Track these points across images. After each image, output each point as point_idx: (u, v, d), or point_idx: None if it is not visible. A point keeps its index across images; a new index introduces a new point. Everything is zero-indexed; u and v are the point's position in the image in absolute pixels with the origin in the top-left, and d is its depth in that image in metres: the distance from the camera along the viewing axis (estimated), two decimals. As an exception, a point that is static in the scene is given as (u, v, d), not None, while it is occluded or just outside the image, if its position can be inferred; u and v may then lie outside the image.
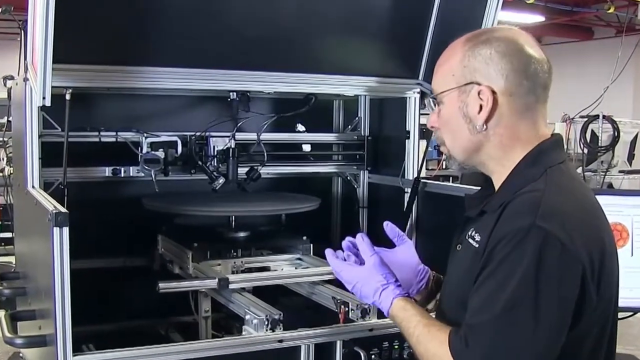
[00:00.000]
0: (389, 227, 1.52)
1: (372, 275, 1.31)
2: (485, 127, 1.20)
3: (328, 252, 1.42)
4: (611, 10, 7.30)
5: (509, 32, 1.22)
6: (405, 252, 1.51)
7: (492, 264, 1.10)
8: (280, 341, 1.52)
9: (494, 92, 1.18)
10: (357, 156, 2.37)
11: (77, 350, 1.35)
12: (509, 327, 1.06)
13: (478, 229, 1.20)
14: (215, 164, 2.09)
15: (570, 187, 1.18)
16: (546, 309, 1.05)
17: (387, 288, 1.28)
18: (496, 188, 1.25)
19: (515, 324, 1.06)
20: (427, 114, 1.35)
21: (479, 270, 1.12)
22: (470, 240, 1.21)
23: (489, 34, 1.21)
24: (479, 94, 1.19)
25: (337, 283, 1.83)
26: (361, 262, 1.37)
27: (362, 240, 1.38)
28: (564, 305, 1.07)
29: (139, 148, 2.00)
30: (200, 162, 2.07)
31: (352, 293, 1.37)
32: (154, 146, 2.01)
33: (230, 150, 2.09)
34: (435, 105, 1.27)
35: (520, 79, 1.18)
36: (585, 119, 6.38)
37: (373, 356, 1.60)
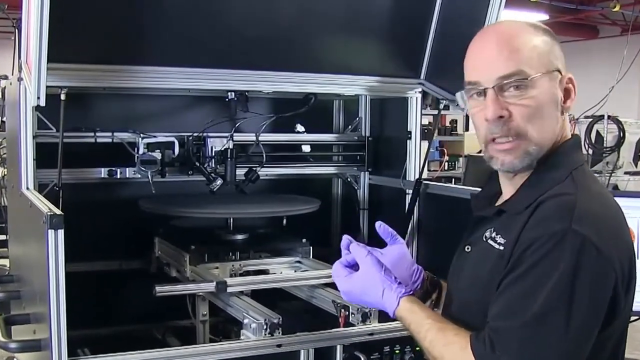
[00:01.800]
0: (381, 227, 1.46)
1: (371, 276, 1.24)
2: (564, 117, 1.17)
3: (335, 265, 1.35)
4: (616, 9, 7.26)
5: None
6: (399, 252, 1.44)
7: (521, 267, 1.05)
8: (279, 346, 1.51)
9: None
10: (358, 157, 2.35)
11: (72, 354, 1.35)
12: (541, 333, 1.02)
13: (499, 230, 1.15)
14: (213, 165, 2.08)
15: (598, 191, 1.15)
16: (578, 315, 1.02)
17: (389, 287, 1.21)
18: (510, 185, 1.20)
19: (548, 330, 1.02)
20: (429, 114, 1.31)
21: (505, 273, 1.07)
22: (491, 242, 1.15)
23: (540, 26, 1.18)
24: (566, 82, 1.16)
25: (336, 286, 1.81)
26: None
27: (350, 243, 1.32)
28: (595, 311, 1.04)
29: (136, 149, 1.99)
30: (197, 163, 2.06)
31: (354, 303, 1.32)
32: (150, 147, 2.00)
33: (229, 151, 2.07)
34: (508, 89, 1.12)
35: (565, 70, 1.17)
36: (590, 119, 6.35)
37: (373, 361, 1.58)
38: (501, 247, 1.12)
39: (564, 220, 1.04)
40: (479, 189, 1.36)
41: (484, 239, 1.18)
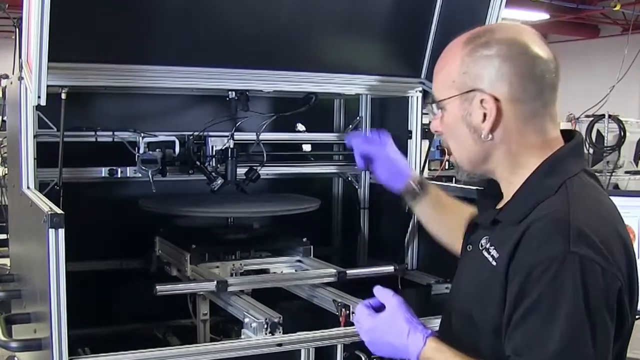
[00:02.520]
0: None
1: (397, 316, 1.22)
2: (491, 136, 1.14)
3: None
4: (617, 8, 7.26)
5: (511, 30, 1.15)
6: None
7: (529, 298, 1.03)
8: (280, 345, 1.51)
9: (497, 100, 1.11)
10: (359, 156, 2.34)
11: (73, 354, 1.35)
12: None
13: (493, 242, 1.14)
14: (214, 165, 2.07)
15: (594, 199, 1.13)
16: (601, 335, 1.02)
17: (415, 328, 1.19)
18: (506, 194, 1.20)
19: (577, 356, 1.01)
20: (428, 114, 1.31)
21: (512, 307, 1.05)
22: (485, 254, 1.15)
23: (489, 35, 1.14)
24: (481, 102, 1.12)
25: (338, 285, 1.81)
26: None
27: (379, 289, 1.29)
28: (612, 325, 1.04)
29: (136, 148, 1.98)
30: (198, 163, 2.05)
31: (375, 346, 1.27)
32: (151, 146, 1.99)
33: (229, 150, 2.07)
34: (435, 110, 1.21)
35: (525, 83, 1.11)
36: (591, 119, 6.35)
37: (374, 360, 1.58)
38: (494, 263, 1.11)
39: (561, 243, 1.02)
40: (480, 188, 1.37)
41: (480, 247, 1.17)
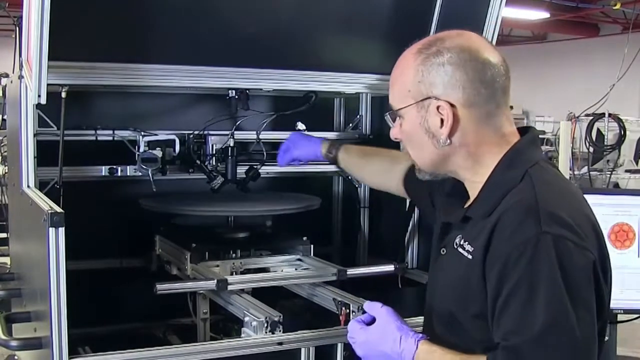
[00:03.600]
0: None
1: (388, 325, 1.26)
2: (449, 141, 1.18)
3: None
4: (617, 7, 7.26)
5: (460, 38, 1.19)
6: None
7: (509, 283, 1.07)
8: (280, 344, 1.52)
9: (452, 106, 1.16)
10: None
11: (73, 352, 1.36)
12: (556, 339, 1.03)
13: (466, 238, 1.18)
14: (214, 163, 2.07)
15: (557, 183, 1.18)
16: (583, 308, 1.05)
17: (406, 334, 1.23)
18: (471, 193, 1.23)
19: (561, 333, 1.04)
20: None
21: (494, 296, 1.09)
22: (460, 250, 1.18)
23: (439, 44, 1.18)
24: (437, 109, 1.17)
25: (338, 284, 1.82)
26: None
27: (368, 304, 1.35)
28: (592, 297, 1.07)
29: (136, 147, 1.98)
30: (198, 161, 2.05)
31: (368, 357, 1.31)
32: (151, 145, 1.98)
33: (229, 149, 2.07)
34: (393, 119, 1.26)
35: (477, 88, 1.16)
36: (591, 118, 6.36)
37: (374, 359, 1.58)
38: (470, 256, 1.15)
39: (532, 225, 1.06)
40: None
41: (455, 246, 1.21)
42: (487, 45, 1.19)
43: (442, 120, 1.17)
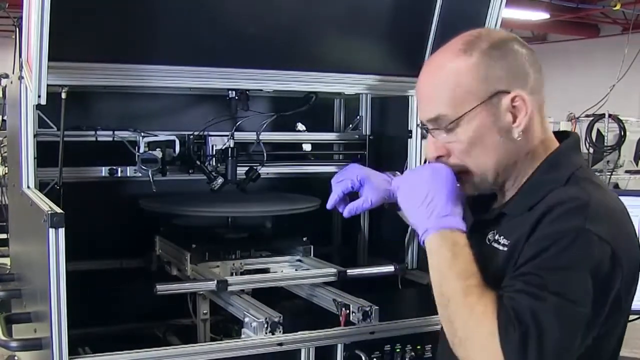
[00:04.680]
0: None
1: (444, 178, 1.12)
2: (520, 135, 1.11)
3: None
4: (617, 7, 7.26)
5: (496, 32, 1.16)
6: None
7: (539, 257, 1.02)
8: (280, 344, 1.51)
9: (522, 96, 1.11)
10: (359, 156, 2.35)
11: (73, 353, 1.35)
12: (565, 308, 0.99)
13: (501, 233, 1.14)
14: (214, 164, 2.07)
15: (604, 188, 1.14)
16: (599, 310, 1.03)
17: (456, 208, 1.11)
18: (505, 191, 1.19)
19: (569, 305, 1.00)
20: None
21: (522, 258, 1.04)
22: (495, 245, 1.14)
23: (485, 38, 1.13)
24: (512, 101, 1.10)
25: (338, 285, 1.81)
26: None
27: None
28: (603, 301, 1.04)
29: (136, 147, 1.98)
30: (198, 162, 2.05)
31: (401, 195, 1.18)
32: (151, 145, 1.99)
33: (229, 149, 2.07)
34: (445, 131, 1.13)
35: (535, 73, 1.13)
36: (591, 118, 6.36)
37: (374, 359, 1.58)
38: (505, 249, 1.11)
39: (578, 220, 1.03)
40: None
41: (487, 242, 1.16)
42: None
43: (513, 115, 1.10)
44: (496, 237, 1.15)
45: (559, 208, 1.05)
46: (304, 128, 2.29)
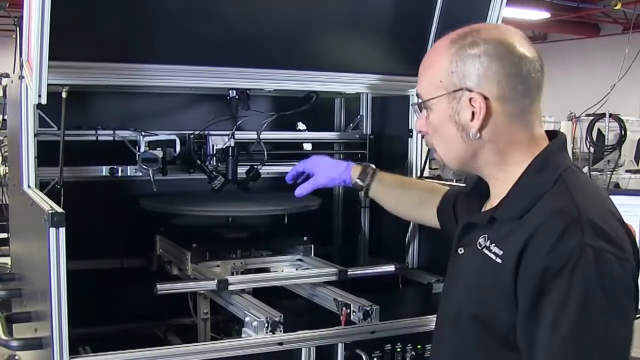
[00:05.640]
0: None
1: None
2: (479, 135, 1.14)
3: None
4: (618, 7, 7.25)
5: (497, 31, 1.15)
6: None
7: (547, 297, 1.02)
8: (281, 344, 1.51)
9: (486, 99, 1.12)
10: (359, 155, 2.34)
11: (73, 352, 1.35)
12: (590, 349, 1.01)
13: (493, 239, 1.14)
14: (215, 163, 2.07)
15: (592, 191, 1.15)
16: (617, 319, 1.03)
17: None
18: (494, 192, 1.21)
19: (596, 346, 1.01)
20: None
21: (530, 304, 1.04)
22: (486, 252, 1.14)
23: (475, 35, 1.14)
24: (470, 101, 1.13)
25: (338, 284, 1.81)
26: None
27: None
28: (631, 308, 1.06)
29: (137, 147, 1.98)
30: (199, 162, 2.05)
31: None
32: (151, 145, 1.98)
33: (230, 149, 2.06)
34: (421, 110, 1.22)
35: (513, 82, 1.12)
36: (592, 118, 6.36)
37: (375, 359, 1.58)
38: (499, 260, 1.10)
39: (575, 237, 1.02)
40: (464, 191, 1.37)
41: (479, 246, 1.16)
42: (524, 39, 1.15)
43: (473, 113, 1.13)
44: (487, 243, 1.15)
45: (550, 222, 1.05)
46: (305, 127, 2.29)
